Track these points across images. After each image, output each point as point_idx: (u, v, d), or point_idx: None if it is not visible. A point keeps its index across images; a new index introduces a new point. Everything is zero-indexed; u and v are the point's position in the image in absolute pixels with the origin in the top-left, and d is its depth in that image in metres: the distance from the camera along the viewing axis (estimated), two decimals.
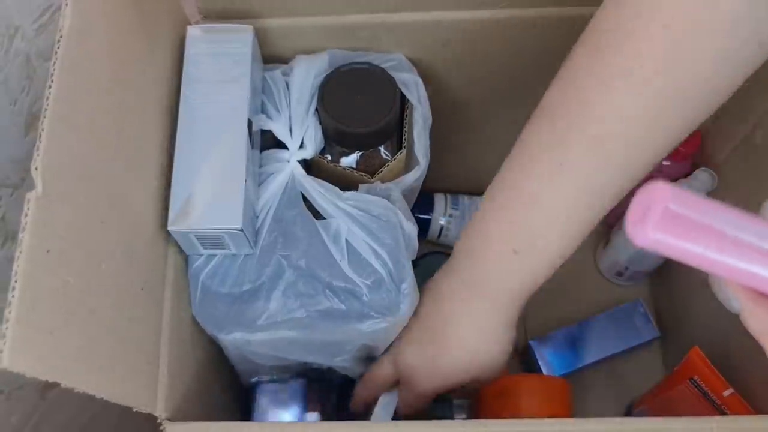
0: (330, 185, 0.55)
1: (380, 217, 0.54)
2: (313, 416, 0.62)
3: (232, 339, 0.53)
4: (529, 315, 0.86)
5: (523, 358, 0.83)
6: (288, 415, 0.62)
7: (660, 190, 0.28)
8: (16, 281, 0.33)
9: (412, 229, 0.55)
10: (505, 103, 0.63)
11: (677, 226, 0.27)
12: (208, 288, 0.53)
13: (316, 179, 0.55)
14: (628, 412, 0.76)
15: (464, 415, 0.67)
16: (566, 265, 0.50)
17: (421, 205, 0.79)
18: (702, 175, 0.67)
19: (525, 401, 0.63)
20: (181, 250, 0.53)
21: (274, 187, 0.55)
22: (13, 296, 0.32)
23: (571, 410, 0.67)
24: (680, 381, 0.62)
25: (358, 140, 0.56)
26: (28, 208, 0.34)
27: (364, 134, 0.55)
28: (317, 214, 0.55)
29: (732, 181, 0.66)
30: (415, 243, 0.57)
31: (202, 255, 0.54)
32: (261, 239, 0.53)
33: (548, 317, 0.83)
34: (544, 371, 0.78)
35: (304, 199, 0.55)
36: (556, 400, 0.68)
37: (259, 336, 0.53)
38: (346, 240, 0.53)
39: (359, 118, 0.55)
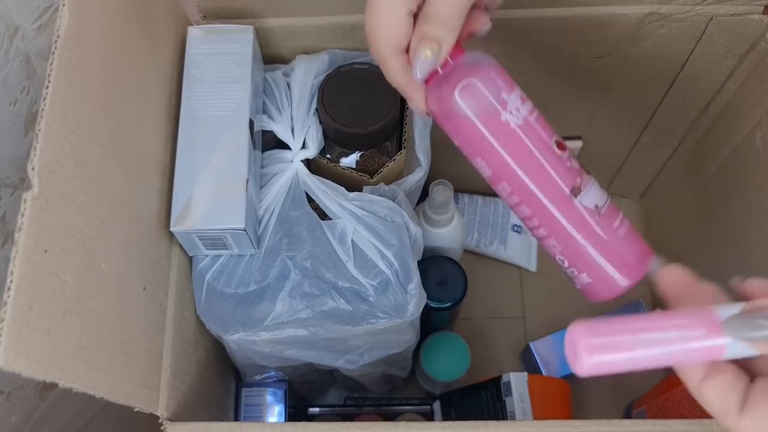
0: (335, 185, 0.55)
1: (386, 218, 0.54)
2: None
3: (237, 339, 0.53)
4: (529, 316, 0.86)
5: (523, 359, 0.83)
6: (272, 417, 0.62)
7: (577, 332, 0.31)
8: (12, 281, 0.33)
9: (417, 230, 0.55)
10: None
11: (603, 352, 0.31)
12: (214, 288, 0.53)
13: (321, 179, 0.55)
14: (628, 414, 0.76)
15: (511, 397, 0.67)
16: None
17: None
18: (438, 189, 0.63)
19: None
20: (185, 251, 0.53)
21: (278, 187, 0.55)
22: (8, 296, 0.32)
23: (571, 411, 0.67)
24: (680, 382, 0.61)
25: (358, 140, 0.56)
26: (24, 208, 0.34)
27: (364, 134, 0.55)
28: (322, 214, 0.55)
29: (732, 183, 0.66)
30: (421, 244, 0.57)
31: (206, 256, 0.54)
32: (266, 240, 0.54)
33: (548, 318, 0.83)
34: (544, 372, 0.78)
35: (309, 199, 0.55)
36: (556, 401, 0.68)
37: (265, 336, 0.53)
38: (352, 241, 0.53)
39: (359, 119, 0.55)
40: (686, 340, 0.30)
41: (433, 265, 0.67)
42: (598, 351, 0.31)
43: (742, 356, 0.30)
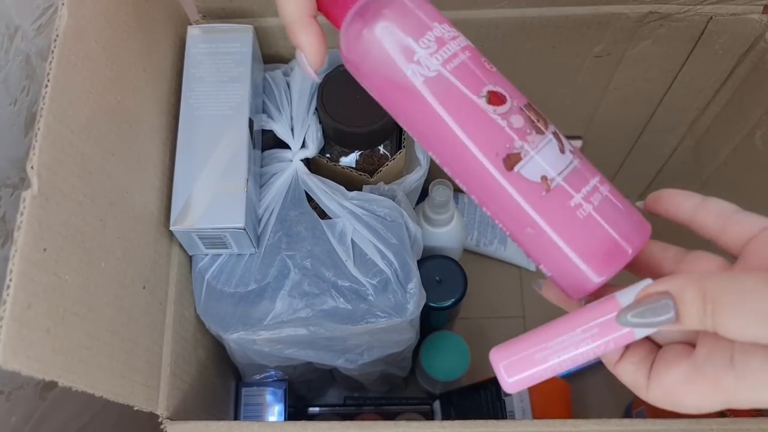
0: (335, 184, 0.55)
1: (386, 217, 0.54)
2: None
3: (237, 338, 0.53)
4: (529, 315, 0.86)
5: None
6: (272, 416, 0.62)
7: (494, 356, 0.34)
8: (11, 279, 0.33)
9: (417, 229, 0.55)
10: None
11: (519, 370, 0.33)
12: (213, 287, 0.53)
13: (321, 178, 0.55)
14: (628, 413, 0.75)
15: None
16: None
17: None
18: (438, 188, 0.63)
19: None
20: (185, 250, 0.53)
21: (278, 186, 0.55)
22: (8, 294, 0.32)
23: (571, 411, 0.67)
24: None
25: (358, 140, 0.56)
26: (23, 207, 0.35)
27: (364, 134, 0.55)
28: (321, 214, 0.55)
29: (732, 182, 0.66)
30: (421, 243, 0.57)
31: (206, 255, 0.54)
32: (265, 239, 0.54)
33: (548, 318, 0.83)
34: None
35: (309, 198, 0.55)
36: (556, 401, 0.68)
37: (265, 335, 0.53)
38: (352, 240, 0.53)
39: (359, 118, 0.55)
40: (593, 338, 0.32)
41: (433, 265, 0.67)
42: (515, 370, 0.33)
43: (650, 333, 0.32)
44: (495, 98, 0.34)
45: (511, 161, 0.33)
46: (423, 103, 0.34)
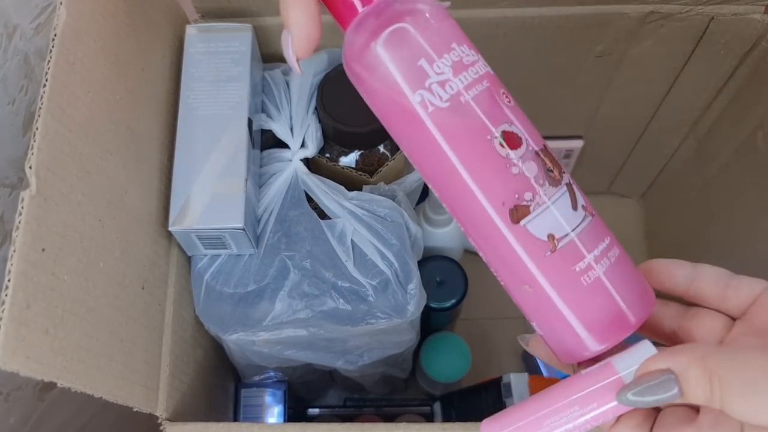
0: (335, 184, 0.55)
1: (386, 218, 0.54)
2: None
3: (236, 339, 0.53)
4: None
5: (524, 360, 0.83)
6: (271, 417, 0.62)
7: (482, 430, 0.32)
8: (9, 280, 0.33)
9: (417, 229, 0.55)
10: None
11: None
12: (213, 288, 0.53)
13: (321, 178, 0.55)
14: None
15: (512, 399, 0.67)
16: None
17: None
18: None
19: None
20: (184, 250, 0.53)
21: (278, 186, 0.55)
22: (6, 295, 0.32)
23: None
24: None
25: (357, 139, 0.56)
26: (22, 207, 0.34)
27: (363, 134, 0.55)
28: (321, 214, 0.55)
29: (734, 182, 0.66)
30: (421, 244, 0.57)
31: (205, 255, 0.54)
32: (265, 239, 0.53)
33: None
34: (545, 373, 0.77)
35: (308, 198, 0.55)
36: None
37: (264, 336, 0.53)
38: (352, 240, 0.53)
39: (358, 118, 0.55)
40: (590, 412, 0.30)
41: (434, 266, 0.67)
42: None
43: None
44: (510, 140, 0.30)
45: (518, 214, 0.30)
46: (428, 135, 0.30)
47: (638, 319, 0.31)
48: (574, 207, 0.31)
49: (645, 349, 0.30)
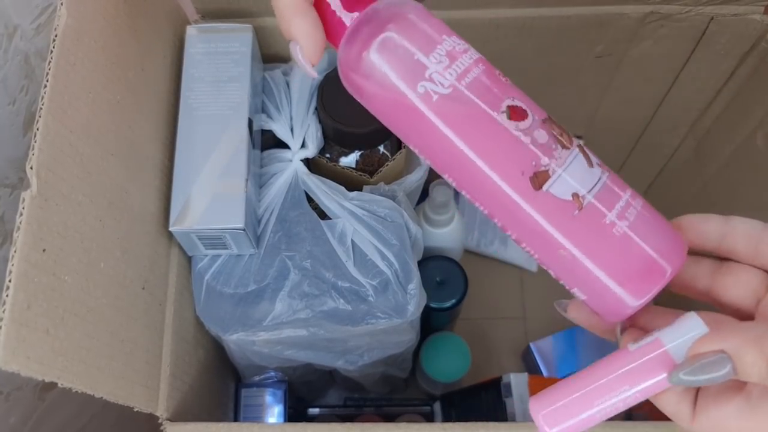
0: (335, 184, 0.55)
1: (386, 218, 0.54)
2: None
3: (236, 339, 0.53)
4: (530, 316, 0.86)
5: (524, 360, 0.83)
6: (271, 417, 0.62)
7: (533, 406, 0.32)
8: (10, 280, 0.33)
9: (417, 229, 0.55)
10: None
11: (560, 417, 0.31)
12: (213, 288, 0.53)
13: (321, 178, 0.55)
14: (628, 416, 0.75)
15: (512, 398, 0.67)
16: None
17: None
18: (438, 188, 0.63)
19: None
20: (184, 250, 0.53)
21: (278, 186, 0.55)
22: (7, 295, 0.32)
23: None
24: None
25: (357, 140, 0.56)
26: (23, 207, 0.34)
27: (364, 134, 0.55)
28: (321, 214, 0.55)
29: (733, 183, 0.66)
30: (421, 244, 0.57)
31: (205, 255, 0.54)
32: (265, 239, 0.53)
33: (548, 318, 0.83)
34: (545, 373, 0.77)
35: (309, 198, 0.55)
36: None
37: (264, 336, 0.53)
38: (352, 240, 0.53)
39: (358, 118, 0.55)
40: (640, 389, 0.30)
41: (433, 265, 0.67)
42: (556, 421, 0.31)
43: None
44: (516, 113, 0.31)
45: (539, 180, 0.31)
46: (437, 124, 0.31)
47: (673, 266, 0.31)
48: (590, 165, 0.32)
49: (692, 322, 0.30)
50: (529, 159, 0.31)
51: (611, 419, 0.32)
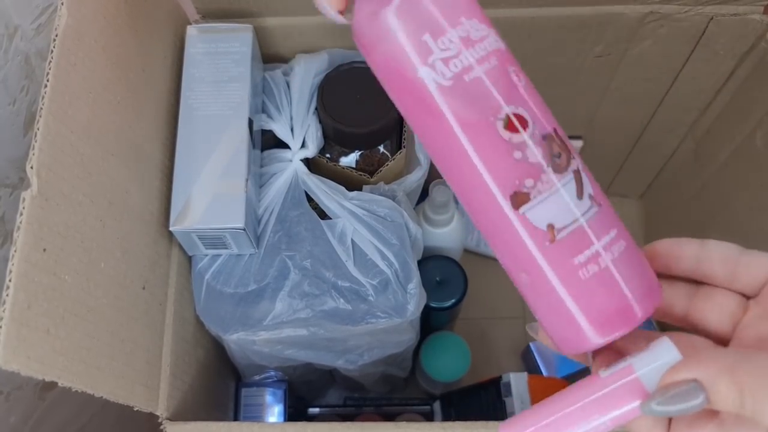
0: (335, 184, 0.55)
1: (386, 218, 0.54)
2: None
3: (236, 339, 0.53)
4: (530, 316, 0.86)
5: (523, 359, 0.83)
6: (271, 417, 0.62)
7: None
8: (10, 280, 0.33)
9: (417, 229, 0.55)
10: None
11: None
12: (213, 288, 0.53)
13: (321, 178, 0.55)
14: None
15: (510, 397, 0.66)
16: None
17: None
18: (438, 188, 0.63)
19: None
20: (184, 250, 0.53)
21: (278, 186, 0.55)
22: (7, 295, 0.32)
23: None
24: None
25: (358, 140, 0.56)
26: (23, 207, 0.34)
27: (364, 134, 0.55)
28: (321, 214, 0.55)
29: (732, 183, 0.66)
30: (421, 244, 0.57)
31: (205, 255, 0.54)
32: (265, 239, 0.53)
33: None
34: (545, 372, 0.77)
35: (309, 198, 0.55)
36: None
37: (264, 336, 0.53)
38: (352, 240, 0.53)
39: (358, 118, 0.55)
40: (611, 417, 0.29)
41: (433, 265, 0.67)
42: None
43: None
44: (512, 124, 0.29)
45: (518, 200, 0.29)
46: (431, 112, 0.29)
47: (644, 313, 0.30)
48: (580, 196, 0.29)
49: (665, 348, 0.29)
50: (513, 176, 0.29)
51: None
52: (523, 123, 0.29)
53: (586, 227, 0.29)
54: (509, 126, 0.29)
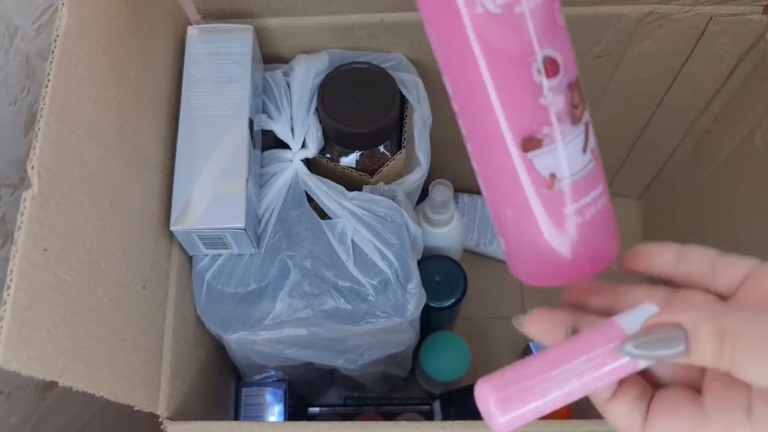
0: (335, 184, 0.55)
1: (386, 218, 0.54)
2: None
3: (237, 339, 0.54)
4: None
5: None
6: (272, 416, 0.63)
7: (483, 390, 0.29)
8: (11, 279, 0.33)
9: (417, 229, 0.55)
10: None
11: (514, 406, 0.28)
12: (213, 288, 0.53)
13: (321, 178, 0.55)
14: None
15: None
16: None
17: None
18: (438, 188, 0.63)
19: None
20: (185, 250, 0.54)
21: (278, 186, 0.55)
22: (8, 294, 0.32)
23: (571, 411, 0.67)
24: None
25: (358, 140, 0.56)
26: (24, 207, 0.35)
27: (364, 134, 0.55)
28: (322, 214, 0.55)
29: (732, 182, 0.66)
30: (421, 243, 0.57)
31: (206, 255, 0.54)
32: (266, 239, 0.54)
33: None
34: None
35: (309, 198, 0.55)
36: None
37: (265, 336, 0.53)
38: (352, 240, 0.53)
39: (359, 118, 0.55)
40: (598, 367, 0.28)
41: (433, 265, 0.67)
42: (510, 406, 0.28)
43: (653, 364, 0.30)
44: (549, 67, 0.28)
45: (529, 145, 0.29)
46: (466, 38, 0.27)
47: (609, 258, 0.32)
48: (584, 149, 0.30)
49: (649, 306, 0.29)
50: (532, 121, 0.28)
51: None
52: (556, 69, 0.28)
53: (582, 181, 0.30)
54: (544, 69, 0.28)
